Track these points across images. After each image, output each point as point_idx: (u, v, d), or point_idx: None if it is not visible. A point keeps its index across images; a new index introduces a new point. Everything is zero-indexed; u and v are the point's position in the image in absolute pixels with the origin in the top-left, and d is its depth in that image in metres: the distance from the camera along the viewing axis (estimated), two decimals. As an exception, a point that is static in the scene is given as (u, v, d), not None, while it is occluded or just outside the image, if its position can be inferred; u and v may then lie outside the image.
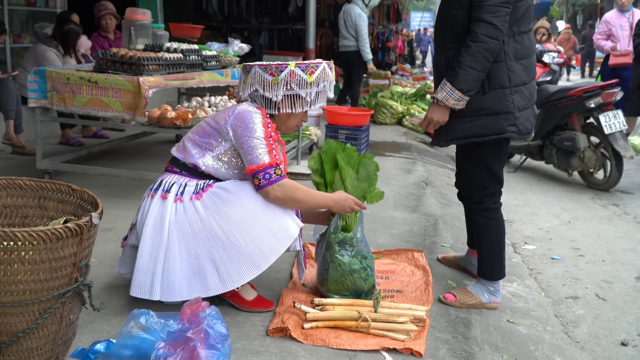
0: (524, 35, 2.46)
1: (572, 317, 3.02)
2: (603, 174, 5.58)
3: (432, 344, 2.33)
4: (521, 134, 2.49)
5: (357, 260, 2.51)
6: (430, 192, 4.68)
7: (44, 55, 5.33)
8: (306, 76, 2.40)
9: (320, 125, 6.31)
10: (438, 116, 2.52)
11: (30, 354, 1.90)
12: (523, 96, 2.48)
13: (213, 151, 2.41)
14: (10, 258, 1.77)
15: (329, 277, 2.52)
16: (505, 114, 2.46)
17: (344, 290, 2.53)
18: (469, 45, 2.34)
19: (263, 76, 2.39)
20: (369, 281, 2.54)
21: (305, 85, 2.41)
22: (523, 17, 2.43)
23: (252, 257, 2.28)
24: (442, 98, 2.45)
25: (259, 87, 2.41)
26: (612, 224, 4.56)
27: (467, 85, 2.38)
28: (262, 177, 2.31)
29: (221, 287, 2.29)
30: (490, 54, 2.34)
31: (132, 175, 4.16)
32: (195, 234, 2.30)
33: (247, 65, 2.46)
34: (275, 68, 2.38)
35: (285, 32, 12.74)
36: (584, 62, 19.60)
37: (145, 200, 2.45)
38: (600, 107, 5.35)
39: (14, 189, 2.25)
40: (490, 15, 2.29)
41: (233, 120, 2.36)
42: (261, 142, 2.33)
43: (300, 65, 2.40)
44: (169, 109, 3.99)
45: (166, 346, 1.81)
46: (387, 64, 14.12)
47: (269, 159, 2.32)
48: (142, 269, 2.32)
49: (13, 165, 4.84)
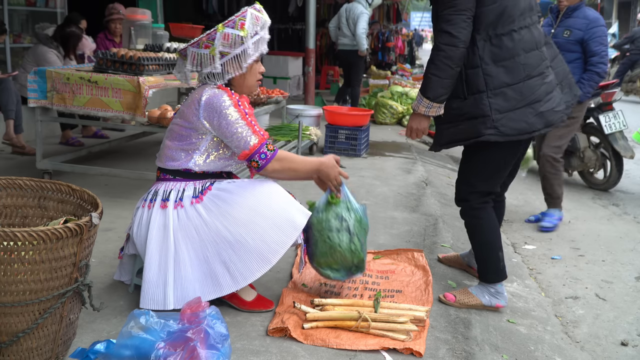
0: (504, 37, 2.45)
1: (572, 317, 3.02)
2: (603, 174, 5.58)
3: (432, 344, 2.33)
4: (506, 135, 2.46)
5: (345, 233, 2.46)
6: (430, 192, 4.68)
7: (44, 57, 5.33)
8: (239, 31, 2.32)
9: (320, 125, 6.31)
10: (416, 124, 2.62)
11: (30, 354, 1.90)
12: (506, 98, 2.45)
13: (199, 149, 2.38)
14: (10, 258, 1.77)
15: (318, 251, 2.49)
16: (482, 117, 2.46)
17: (334, 264, 2.50)
18: (431, 55, 2.46)
19: (200, 53, 2.33)
20: (357, 255, 2.49)
21: (241, 41, 2.34)
22: (499, 19, 2.43)
23: (262, 253, 2.29)
24: (414, 106, 2.58)
25: (202, 65, 2.34)
26: (612, 224, 4.56)
27: (432, 92, 2.47)
28: (258, 157, 2.33)
29: (234, 285, 2.31)
30: (451, 61, 2.40)
31: (132, 175, 4.16)
32: (202, 239, 2.30)
33: (182, 50, 2.42)
34: (207, 39, 2.32)
35: (285, 32, 12.74)
36: (584, 62, 19.54)
37: (140, 211, 2.42)
38: (600, 107, 5.35)
39: (14, 189, 2.25)
40: (446, 24, 2.39)
41: (203, 112, 2.32)
42: (241, 124, 2.31)
43: (228, 24, 2.33)
44: (169, 109, 3.99)
45: (166, 346, 1.81)
46: (387, 64, 14.12)
47: (257, 138, 2.33)
48: (152, 281, 2.30)
49: (13, 165, 4.84)
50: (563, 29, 4.15)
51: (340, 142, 5.97)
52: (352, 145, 5.94)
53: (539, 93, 2.49)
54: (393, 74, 11.87)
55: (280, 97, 5.35)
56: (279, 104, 5.45)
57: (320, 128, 6.22)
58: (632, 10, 25.49)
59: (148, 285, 2.31)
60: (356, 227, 2.50)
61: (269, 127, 5.73)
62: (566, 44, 4.08)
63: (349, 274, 2.54)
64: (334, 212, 2.49)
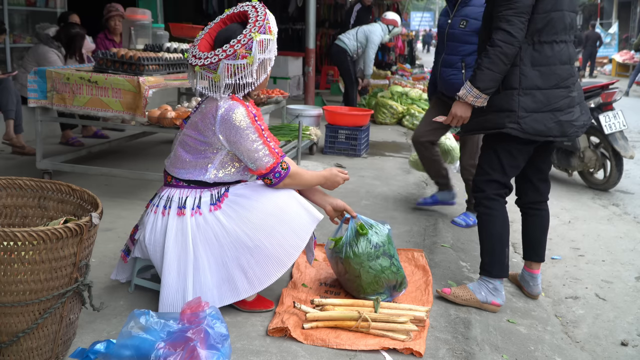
0: (546, 45, 2.61)
1: (572, 317, 3.02)
2: (603, 174, 5.57)
3: (432, 344, 2.33)
4: (525, 133, 2.61)
5: (386, 258, 2.59)
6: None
7: (45, 56, 5.33)
8: (269, 35, 2.29)
9: (320, 125, 6.31)
10: (461, 112, 2.76)
11: (30, 354, 1.90)
12: (535, 99, 2.61)
13: (213, 163, 2.38)
14: (10, 258, 1.77)
15: (363, 282, 2.57)
16: (509, 111, 2.62)
17: (380, 289, 2.59)
18: (487, 49, 2.59)
19: (236, 64, 2.23)
20: (400, 273, 2.62)
21: (271, 46, 2.31)
22: (545, 28, 2.59)
23: (278, 257, 2.33)
24: (462, 95, 2.70)
25: (237, 76, 2.26)
26: (612, 224, 4.56)
27: (484, 84, 2.61)
28: (273, 176, 2.37)
29: (250, 289, 2.35)
30: (505, 57, 2.56)
31: (132, 175, 4.16)
32: (221, 244, 2.32)
33: (212, 64, 2.25)
34: (245, 48, 2.23)
35: (285, 32, 12.74)
36: (585, 62, 19.61)
37: (153, 217, 2.40)
38: (600, 107, 5.34)
39: (14, 189, 2.25)
40: (506, 23, 2.55)
41: (220, 127, 2.28)
42: (258, 142, 2.31)
43: (260, 30, 2.25)
44: (169, 109, 3.99)
45: (166, 346, 1.81)
46: (387, 64, 14.11)
47: (274, 159, 2.35)
48: (172, 286, 2.32)
49: (13, 165, 4.84)
50: (459, 19, 3.67)
51: (340, 142, 5.97)
52: (352, 145, 5.94)
53: (562, 103, 2.65)
54: (393, 74, 11.86)
55: (280, 97, 5.35)
56: (279, 104, 5.45)
57: (320, 128, 6.22)
58: (632, 10, 25.48)
59: (167, 290, 2.32)
60: (390, 248, 2.64)
61: (269, 127, 5.73)
62: (462, 35, 3.65)
63: (394, 292, 2.65)
64: (367, 242, 2.59)
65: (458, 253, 3.46)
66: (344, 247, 2.61)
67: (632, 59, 18.73)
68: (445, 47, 3.78)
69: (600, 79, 18.02)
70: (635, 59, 18.01)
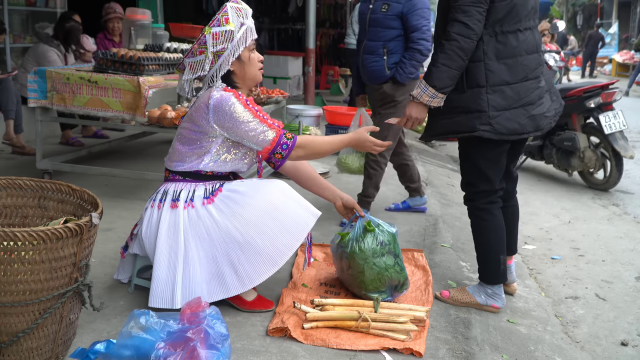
0: (510, 35, 2.44)
1: (572, 317, 3.02)
2: (603, 174, 5.58)
3: (432, 344, 2.33)
4: (499, 134, 2.45)
5: (390, 257, 2.59)
6: (430, 192, 4.68)
7: (45, 55, 5.33)
8: (226, 26, 2.33)
9: (320, 125, 6.31)
10: (416, 113, 2.57)
11: (30, 354, 1.90)
12: (504, 96, 2.45)
13: (210, 152, 2.39)
14: (10, 258, 1.77)
15: (366, 278, 2.56)
16: (478, 112, 2.45)
17: (382, 287, 2.58)
18: (443, 44, 2.40)
19: (197, 60, 2.36)
20: (403, 274, 2.61)
21: (231, 35, 2.34)
22: (507, 17, 2.42)
23: (270, 255, 2.31)
24: (417, 95, 2.51)
25: (202, 69, 2.36)
26: (612, 224, 4.56)
27: (440, 82, 2.42)
28: (281, 149, 2.36)
29: (240, 287, 2.33)
30: (463, 52, 2.38)
31: (132, 175, 4.16)
32: (212, 239, 2.31)
33: (181, 65, 2.45)
34: (199, 45, 2.34)
35: (285, 32, 12.74)
36: (585, 61, 19.60)
37: (149, 211, 2.42)
38: (600, 107, 5.35)
39: (14, 189, 2.25)
40: (462, 14, 2.36)
41: (213, 116, 2.32)
42: (255, 122, 2.32)
43: (212, 24, 2.34)
44: (169, 109, 3.99)
45: (166, 346, 1.81)
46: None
47: (274, 133, 2.35)
48: (161, 279, 2.31)
49: (13, 165, 4.84)
50: (381, 3, 3.54)
51: (340, 142, 5.95)
52: (352, 145, 5.92)
53: (533, 96, 2.49)
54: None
55: (280, 97, 5.35)
56: (279, 104, 5.45)
57: (320, 128, 6.22)
58: (632, 10, 25.48)
59: (157, 283, 2.32)
60: (396, 248, 2.63)
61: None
62: (384, 19, 3.52)
63: (395, 292, 2.64)
64: (374, 239, 2.59)
65: (458, 253, 3.46)
66: (350, 242, 2.61)
67: (632, 59, 18.73)
68: (367, 33, 3.63)
69: (600, 79, 18.03)
70: (635, 59, 18.00)
